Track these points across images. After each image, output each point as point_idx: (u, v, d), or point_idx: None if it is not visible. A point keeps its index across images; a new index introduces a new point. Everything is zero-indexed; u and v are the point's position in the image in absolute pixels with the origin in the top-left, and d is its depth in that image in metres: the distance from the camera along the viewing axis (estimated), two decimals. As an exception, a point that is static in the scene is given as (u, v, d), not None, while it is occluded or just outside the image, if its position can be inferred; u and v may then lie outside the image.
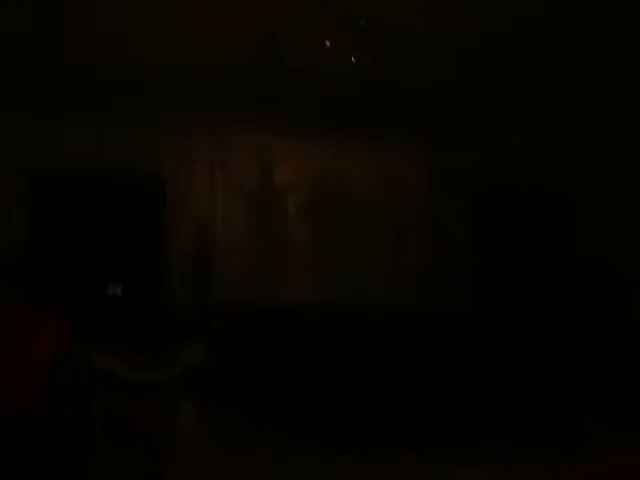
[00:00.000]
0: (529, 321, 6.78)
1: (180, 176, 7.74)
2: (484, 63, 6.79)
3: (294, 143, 8.02)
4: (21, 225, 7.09)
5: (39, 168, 7.24)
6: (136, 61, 6.49)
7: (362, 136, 8.09)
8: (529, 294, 8.09)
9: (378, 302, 7.61)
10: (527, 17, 5.85)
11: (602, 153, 8.58)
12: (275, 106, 7.53)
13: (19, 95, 6.96)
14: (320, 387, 5.30)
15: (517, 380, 5.34)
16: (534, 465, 4.47)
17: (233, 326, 6.63)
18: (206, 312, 7.14)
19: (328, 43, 5.93)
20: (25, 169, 7.17)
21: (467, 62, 6.75)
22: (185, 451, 4.16)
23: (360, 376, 5.13)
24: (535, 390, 5.34)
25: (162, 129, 7.57)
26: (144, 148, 7.55)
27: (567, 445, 4.90)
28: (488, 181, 8.65)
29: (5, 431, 3.64)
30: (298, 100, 7.49)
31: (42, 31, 5.79)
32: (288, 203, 8.10)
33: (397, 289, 8.05)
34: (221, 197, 7.88)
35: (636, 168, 8.51)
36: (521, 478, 4.29)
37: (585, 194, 8.74)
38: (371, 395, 5.10)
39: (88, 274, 7.06)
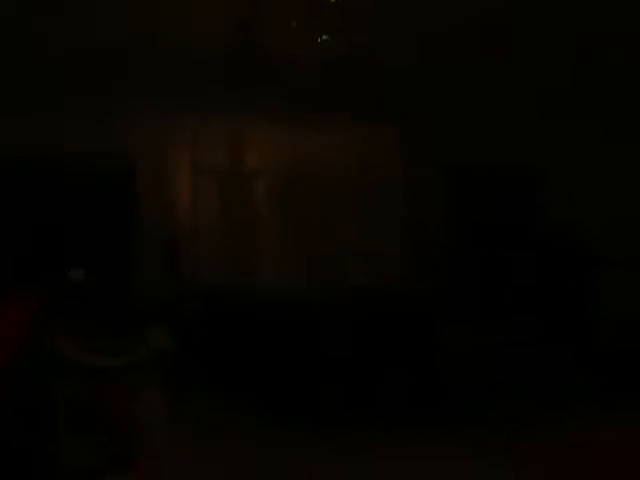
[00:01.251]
0: (500, 301, 6.85)
1: (150, 159, 7.65)
2: (454, 41, 6.82)
3: (264, 126, 7.93)
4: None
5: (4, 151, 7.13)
6: (106, 40, 6.45)
7: (332, 117, 8.02)
8: (500, 274, 8.13)
9: (352, 283, 7.61)
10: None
11: (575, 135, 8.62)
12: (246, 89, 7.48)
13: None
14: (294, 371, 5.31)
15: (494, 360, 5.39)
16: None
17: (204, 310, 6.62)
18: (175, 296, 7.12)
19: (294, 24, 5.92)
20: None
21: (436, 40, 6.77)
22: (152, 436, 4.16)
23: (335, 358, 5.15)
24: (512, 369, 5.40)
25: (133, 112, 7.47)
26: (113, 130, 7.45)
27: (556, 422, 4.97)
28: (458, 159, 8.67)
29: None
30: (268, 83, 7.46)
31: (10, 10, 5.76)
32: (259, 186, 8.06)
33: (371, 269, 8.06)
34: (191, 180, 7.83)
35: (608, 149, 8.56)
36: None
37: (556, 173, 8.77)
38: (347, 377, 5.12)
39: (53, 259, 6.98)
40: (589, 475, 3.93)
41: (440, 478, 3.95)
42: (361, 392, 5.05)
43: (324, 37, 6.27)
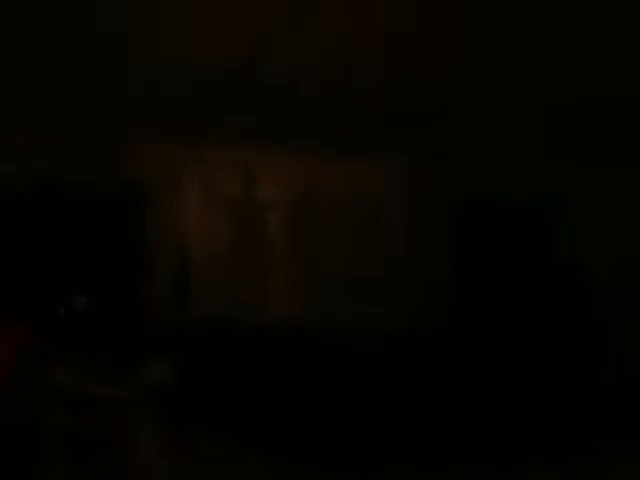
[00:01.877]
0: (506, 337, 6.73)
1: (161, 188, 7.66)
2: (466, 82, 6.82)
3: (277, 158, 7.93)
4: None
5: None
6: (120, 68, 6.47)
7: (345, 151, 8.05)
8: (505, 310, 8.03)
9: (359, 317, 7.53)
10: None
11: (583, 176, 8.61)
12: (258, 121, 7.51)
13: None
14: (298, 407, 5.23)
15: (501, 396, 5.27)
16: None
17: (210, 342, 6.54)
18: (182, 327, 7.05)
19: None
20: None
21: (450, 80, 6.77)
22: (149, 469, 4.06)
23: (340, 392, 5.07)
24: (517, 407, 5.28)
25: (145, 140, 7.51)
26: (125, 158, 7.46)
27: (564, 460, 4.83)
28: (467, 197, 8.66)
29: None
30: (281, 115, 7.48)
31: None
32: (270, 218, 8.03)
33: (378, 303, 7.99)
34: (202, 211, 7.81)
35: (615, 188, 8.52)
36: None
37: (562, 212, 8.73)
38: (350, 410, 5.03)
39: (58, 285, 6.94)
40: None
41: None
42: (363, 428, 4.95)
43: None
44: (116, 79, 6.64)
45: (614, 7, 5.39)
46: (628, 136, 8.28)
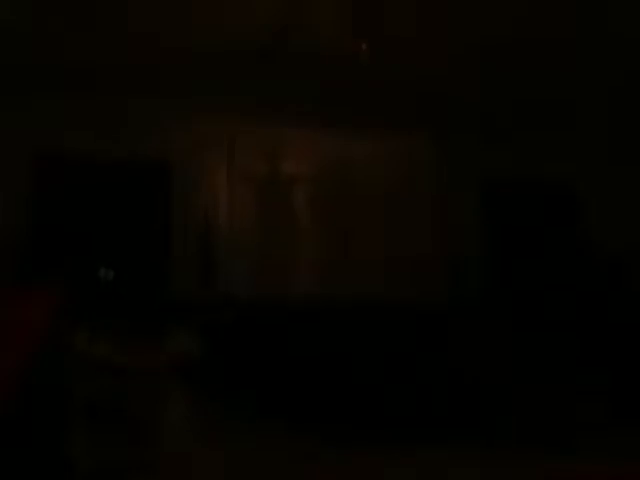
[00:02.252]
0: (536, 318, 6.64)
1: (187, 164, 7.64)
2: (491, 60, 6.73)
3: (304, 134, 7.89)
4: (24, 207, 7.06)
5: (45, 149, 7.17)
6: (149, 45, 6.46)
7: (372, 127, 7.97)
8: (537, 291, 7.94)
9: (386, 295, 7.49)
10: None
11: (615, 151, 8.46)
12: (286, 96, 7.46)
13: (28, 77, 6.95)
14: (321, 383, 5.20)
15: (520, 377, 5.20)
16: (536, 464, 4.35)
17: (235, 318, 6.52)
18: (207, 302, 7.05)
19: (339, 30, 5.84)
20: (31, 150, 7.13)
21: (476, 58, 6.68)
22: (172, 439, 4.06)
23: (365, 371, 5.03)
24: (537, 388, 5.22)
25: (173, 116, 7.49)
26: (151, 133, 7.47)
27: (569, 445, 4.76)
28: (497, 175, 8.57)
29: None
30: (309, 90, 7.41)
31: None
32: (296, 194, 7.99)
33: (404, 281, 7.93)
34: (228, 186, 7.79)
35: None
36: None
37: (598, 192, 8.63)
38: (373, 390, 4.99)
39: (86, 258, 6.98)
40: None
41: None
42: (394, 408, 4.90)
43: (366, 44, 6.22)
44: (146, 53, 6.64)
45: None
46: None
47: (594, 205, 8.62)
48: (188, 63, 6.83)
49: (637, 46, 6.53)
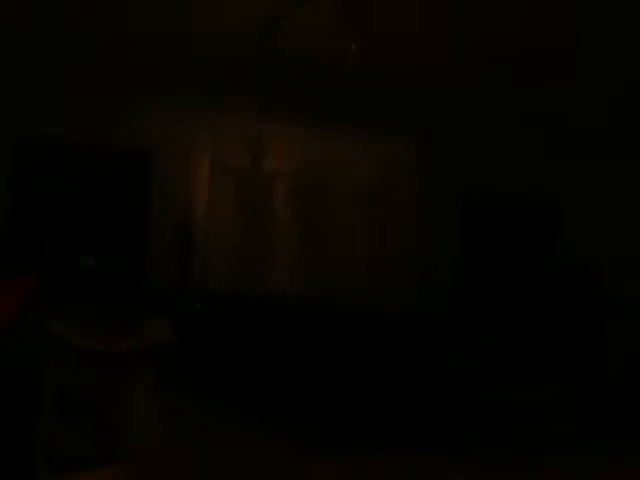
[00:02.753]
0: (507, 330, 6.68)
1: (168, 153, 7.62)
2: (479, 64, 6.77)
3: (286, 129, 7.90)
4: (4, 192, 6.99)
5: (26, 134, 7.09)
6: (133, 31, 6.40)
7: (354, 126, 8.01)
8: (511, 302, 7.99)
9: (358, 295, 7.51)
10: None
11: (595, 162, 8.56)
12: (269, 91, 7.44)
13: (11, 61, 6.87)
14: (296, 382, 5.18)
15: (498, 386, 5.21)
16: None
17: (208, 310, 6.50)
18: (181, 293, 7.03)
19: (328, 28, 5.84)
20: (13, 135, 7.06)
21: (463, 60, 6.72)
22: (140, 428, 4.03)
23: (335, 370, 5.01)
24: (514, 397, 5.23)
25: (155, 105, 7.45)
26: (133, 122, 7.42)
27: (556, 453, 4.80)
28: (476, 185, 8.63)
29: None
30: (292, 86, 7.41)
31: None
32: (276, 189, 7.99)
33: (378, 283, 7.96)
34: (208, 178, 7.78)
35: (628, 178, 8.47)
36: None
37: (575, 203, 8.72)
38: (347, 390, 4.97)
39: (65, 243, 6.94)
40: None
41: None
42: (364, 409, 4.89)
43: (355, 43, 6.22)
44: (135, 44, 6.59)
45: None
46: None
47: (574, 216, 8.70)
48: (173, 54, 6.80)
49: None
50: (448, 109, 7.97)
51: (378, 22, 5.94)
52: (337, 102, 7.65)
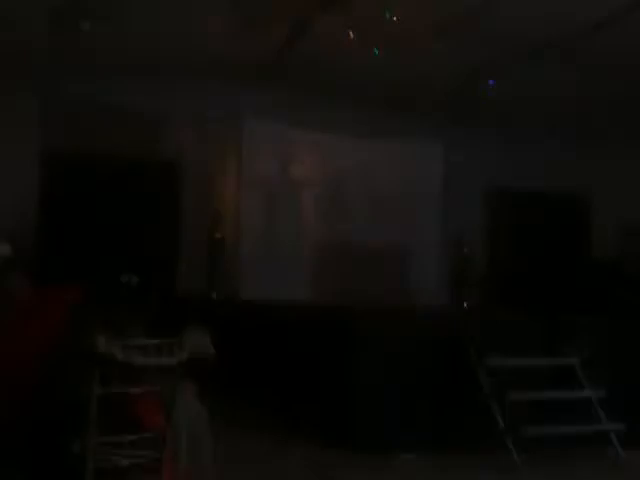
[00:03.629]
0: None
1: (199, 164, 7.71)
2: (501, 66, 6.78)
3: (314, 137, 7.94)
4: (35, 207, 7.10)
5: (55, 149, 7.19)
6: (164, 45, 6.50)
7: (381, 133, 8.04)
8: (539, 295, 7.95)
9: (389, 298, 7.54)
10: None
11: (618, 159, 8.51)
12: (295, 100, 7.52)
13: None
14: (330, 388, 5.20)
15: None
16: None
17: (242, 319, 6.55)
18: (216, 301, 7.10)
19: (352, 35, 5.88)
20: (41, 150, 7.15)
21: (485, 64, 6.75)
22: (186, 442, 4.06)
23: (367, 375, 5.01)
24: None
25: (186, 116, 7.58)
26: (165, 133, 7.58)
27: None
28: (502, 182, 8.65)
29: (4, 415, 3.58)
30: (320, 95, 7.46)
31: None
32: (305, 197, 8.02)
33: (408, 286, 7.98)
34: (239, 188, 7.82)
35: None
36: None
37: (599, 197, 8.71)
38: (377, 395, 4.98)
39: (97, 257, 7.03)
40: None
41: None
42: (397, 412, 4.91)
43: (377, 50, 6.26)
44: (159, 53, 6.67)
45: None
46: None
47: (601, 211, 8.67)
48: (203, 65, 6.87)
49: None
50: (470, 111, 7.99)
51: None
52: (362, 109, 7.69)
